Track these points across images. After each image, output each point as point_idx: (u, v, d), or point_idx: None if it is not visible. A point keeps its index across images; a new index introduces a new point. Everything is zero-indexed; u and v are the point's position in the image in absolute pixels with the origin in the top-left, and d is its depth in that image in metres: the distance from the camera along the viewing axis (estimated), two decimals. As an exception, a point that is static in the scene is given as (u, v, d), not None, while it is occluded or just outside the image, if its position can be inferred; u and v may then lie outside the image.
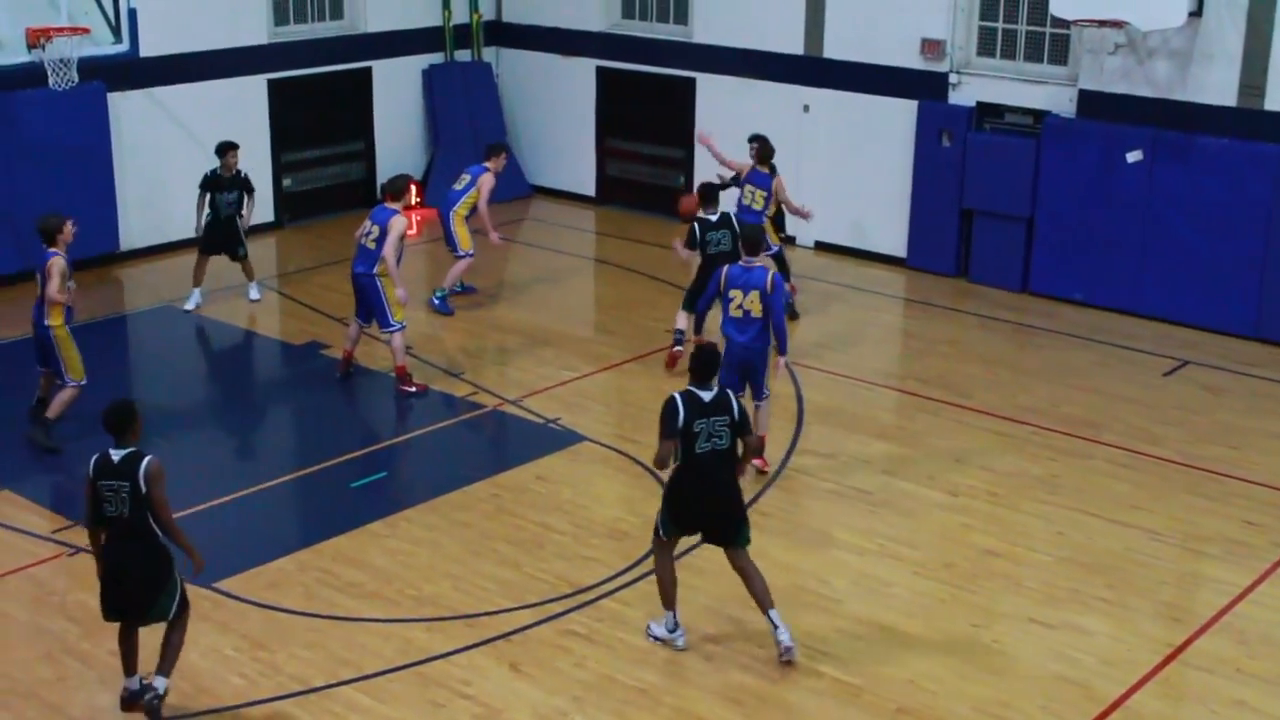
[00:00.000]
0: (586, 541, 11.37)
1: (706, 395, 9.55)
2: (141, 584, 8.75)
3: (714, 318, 13.03)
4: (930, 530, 11.70)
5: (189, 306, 16.39)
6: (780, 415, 13.84)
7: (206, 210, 16.16)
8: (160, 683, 8.96)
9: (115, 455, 8.64)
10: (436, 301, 16.53)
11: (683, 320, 14.81)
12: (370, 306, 14.10)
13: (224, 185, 16.14)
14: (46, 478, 12.66)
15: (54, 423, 12.92)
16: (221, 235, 16.30)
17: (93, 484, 8.65)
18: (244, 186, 16.30)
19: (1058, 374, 15.05)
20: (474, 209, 16.41)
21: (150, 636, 9.10)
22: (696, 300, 14.18)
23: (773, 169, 15.94)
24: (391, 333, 14.12)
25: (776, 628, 9.70)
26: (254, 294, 16.83)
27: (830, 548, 11.35)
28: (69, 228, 12.57)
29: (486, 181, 16.30)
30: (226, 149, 16.11)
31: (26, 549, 11.19)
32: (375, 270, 13.93)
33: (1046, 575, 10.95)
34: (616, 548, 11.27)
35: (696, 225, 14.33)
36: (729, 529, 9.72)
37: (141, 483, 8.55)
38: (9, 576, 10.78)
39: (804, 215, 16.22)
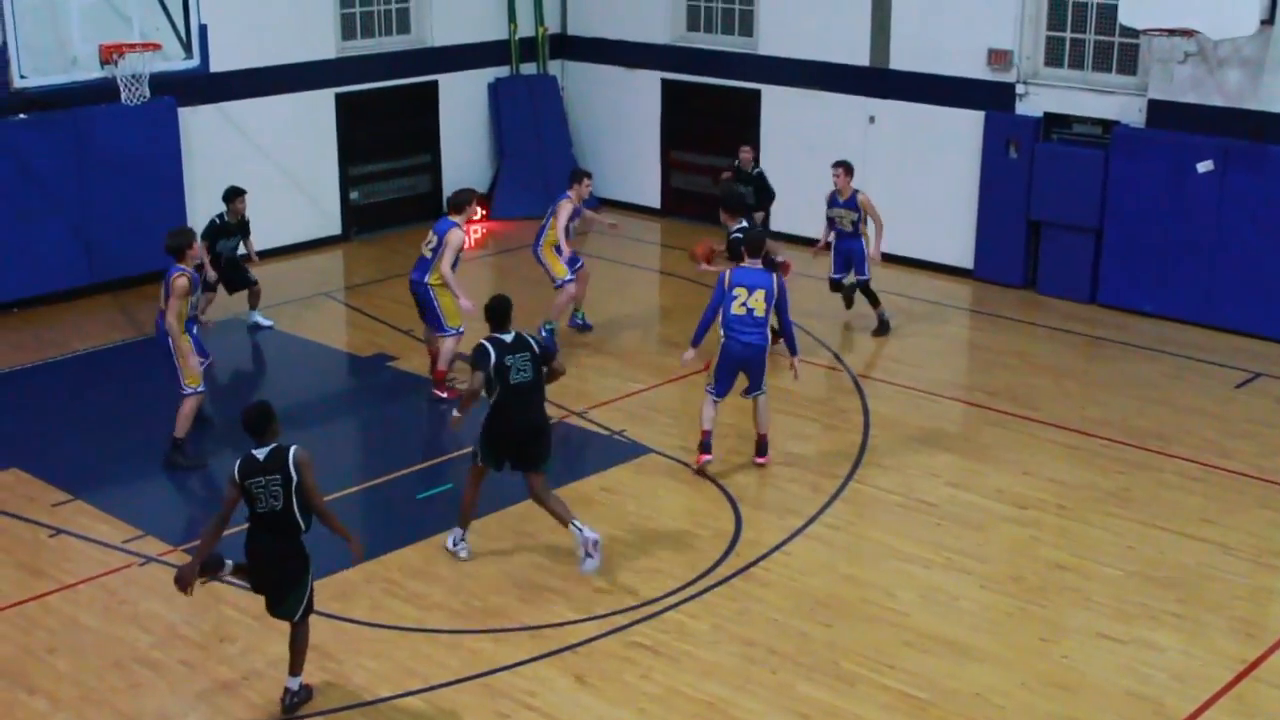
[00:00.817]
0: (651, 553, 11.36)
1: (507, 337, 10.79)
2: (277, 581, 9.12)
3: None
4: (998, 543, 11.60)
5: (264, 321, 16.42)
6: (846, 428, 13.80)
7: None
8: (295, 683, 9.33)
9: (259, 453, 8.93)
10: (545, 334, 15.82)
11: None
12: (425, 312, 14.21)
13: (230, 232, 15.77)
14: (118, 488, 12.78)
15: (183, 441, 12.96)
16: (228, 277, 16.04)
17: (239, 486, 8.90)
18: (244, 231, 16.01)
19: (1127, 386, 14.90)
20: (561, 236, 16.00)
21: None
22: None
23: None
24: (445, 336, 14.25)
25: (580, 530, 10.80)
26: (261, 320, 16.49)
27: (897, 560, 11.28)
28: (198, 245, 13.06)
29: (563, 207, 15.86)
30: (235, 195, 15.70)
31: (99, 558, 11.31)
32: (428, 279, 14.03)
33: (1117, 590, 10.83)
34: (681, 560, 11.25)
35: (738, 236, 14.46)
36: (536, 451, 10.84)
37: (293, 471, 8.86)
38: (82, 585, 10.89)
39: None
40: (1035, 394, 14.66)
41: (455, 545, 11.29)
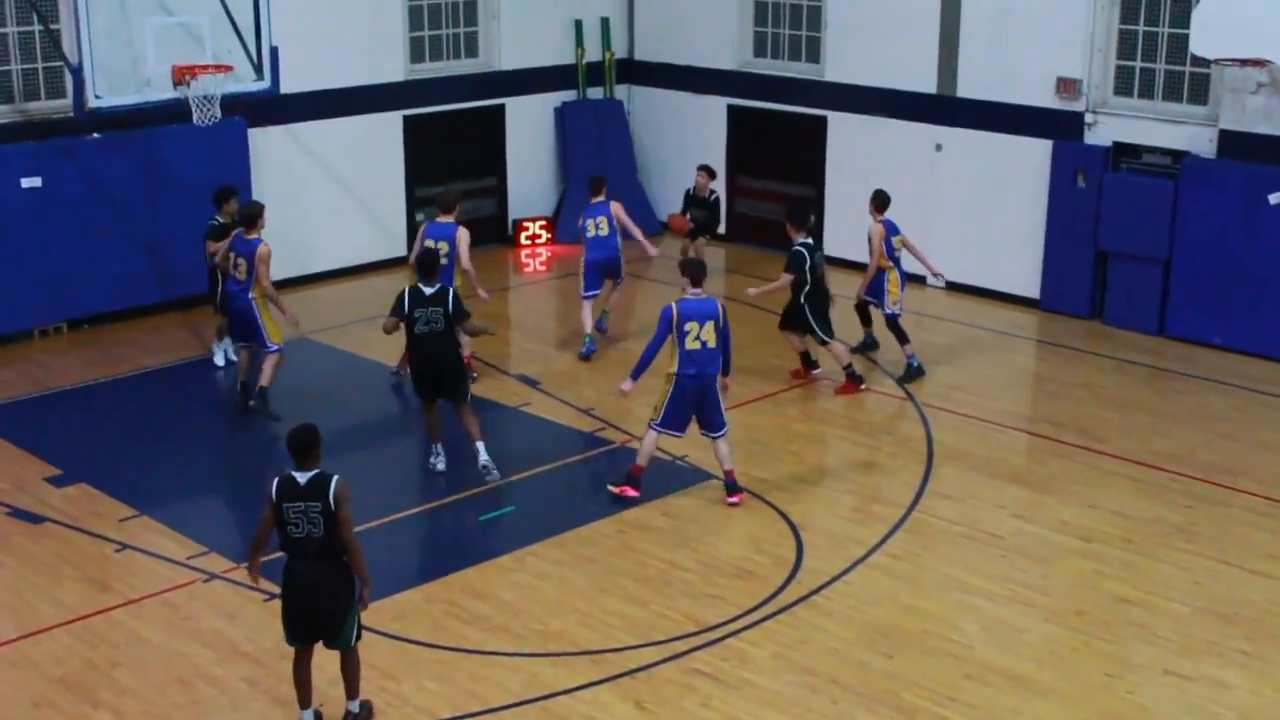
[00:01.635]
0: (712, 580, 11.32)
1: (429, 290, 12.63)
2: (334, 608, 8.91)
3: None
4: (1063, 576, 11.48)
5: (218, 360, 15.89)
6: (910, 457, 13.71)
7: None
8: (355, 704, 9.32)
9: (300, 477, 8.77)
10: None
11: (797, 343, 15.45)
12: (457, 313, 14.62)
13: (228, 232, 14.88)
14: (184, 504, 12.89)
15: (268, 389, 14.30)
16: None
17: (275, 506, 8.77)
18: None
19: (1195, 419, 14.73)
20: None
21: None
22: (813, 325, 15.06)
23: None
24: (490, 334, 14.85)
25: (479, 453, 12.96)
26: (219, 358, 15.91)
27: (960, 592, 11.18)
28: (265, 214, 14.42)
29: (618, 211, 16.59)
30: (228, 196, 15.26)
31: (163, 574, 11.40)
32: (454, 284, 14.32)
33: (1183, 625, 10.69)
34: (743, 587, 11.20)
35: (804, 251, 14.80)
36: (450, 387, 12.85)
37: (332, 502, 8.69)
38: (145, 601, 10.98)
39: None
40: (1102, 426, 14.52)
41: (434, 459, 13.29)
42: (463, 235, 14.78)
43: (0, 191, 16.27)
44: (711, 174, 18.31)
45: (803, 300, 14.99)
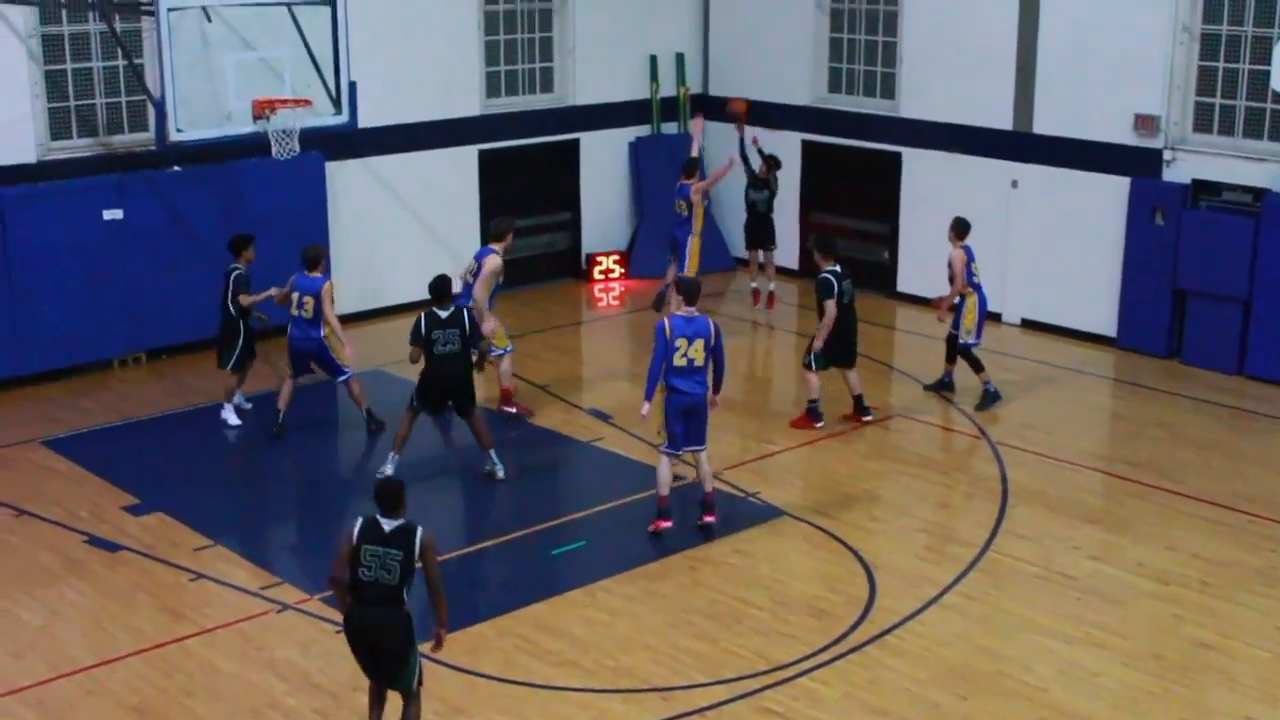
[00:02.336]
0: (784, 618, 11.26)
1: (444, 314, 13.22)
2: (394, 652, 8.93)
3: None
4: (1140, 619, 11.32)
5: (233, 420, 15.30)
6: (984, 496, 13.60)
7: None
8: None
9: (386, 525, 8.84)
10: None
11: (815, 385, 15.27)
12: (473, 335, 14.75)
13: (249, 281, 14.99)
14: (258, 535, 13.02)
15: (368, 407, 14.96)
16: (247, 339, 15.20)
17: (354, 547, 8.81)
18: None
19: (1276, 460, 14.50)
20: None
21: (353, 696, 9.22)
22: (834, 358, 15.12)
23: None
24: (497, 357, 15.09)
25: (489, 458, 13.74)
26: (232, 417, 15.29)
27: (1035, 634, 11.05)
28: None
29: (695, 193, 18.00)
30: (247, 243, 15.05)
31: (237, 604, 11.48)
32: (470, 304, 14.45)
33: (1264, 672, 10.50)
34: (815, 625, 11.13)
35: (832, 278, 14.89)
36: (460, 401, 13.47)
37: (417, 554, 8.77)
38: (219, 630, 11.06)
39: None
40: (1180, 466, 14.33)
41: (385, 466, 13.53)
42: (489, 261, 14.91)
43: (83, 223, 16.52)
44: (776, 164, 19.33)
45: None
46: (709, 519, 12.73)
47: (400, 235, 19.37)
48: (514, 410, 15.41)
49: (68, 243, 16.43)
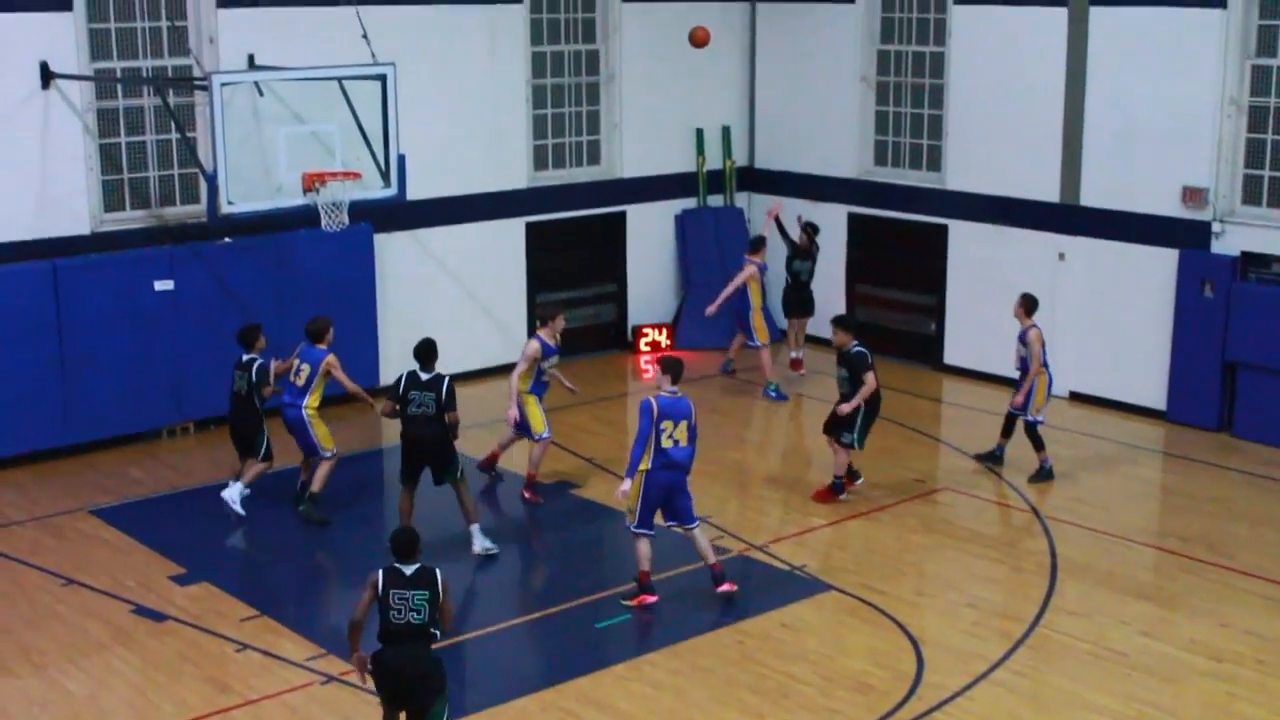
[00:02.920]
0: (831, 693, 11.15)
1: (425, 376, 13.33)
2: (424, 689, 9.36)
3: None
4: (1192, 697, 11.15)
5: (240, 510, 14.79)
6: (1034, 571, 13.47)
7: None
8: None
9: (407, 569, 9.39)
10: (772, 394, 18.96)
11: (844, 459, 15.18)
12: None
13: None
14: (304, 606, 13.02)
15: (319, 495, 14.49)
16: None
17: (382, 594, 9.33)
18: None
19: (1331, 537, 14.33)
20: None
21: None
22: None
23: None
24: (537, 441, 15.10)
25: (474, 535, 13.55)
26: (238, 506, 14.77)
27: (1085, 711, 10.89)
28: (333, 330, 14.69)
29: (749, 272, 18.87)
30: (259, 331, 14.83)
31: (281, 675, 11.47)
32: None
33: (1321, 752, 10.33)
34: (862, 701, 11.02)
35: (868, 351, 14.88)
36: (435, 466, 13.25)
37: (440, 590, 9.37)
38: (264, 701, 11.05)
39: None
40: (1232, 541, 14.16)
41: None
42: (528, 346, 15.10)
43: (135, 293, 16.70)
44: (815, 230, 19.84)
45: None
46: (726, 588, 12.68)
47: (447, 306, 19.48)
48: (529, 496, 15.28)
49: (119, 313, 16.61)
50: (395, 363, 18.06)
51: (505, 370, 19.83)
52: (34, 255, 16.24)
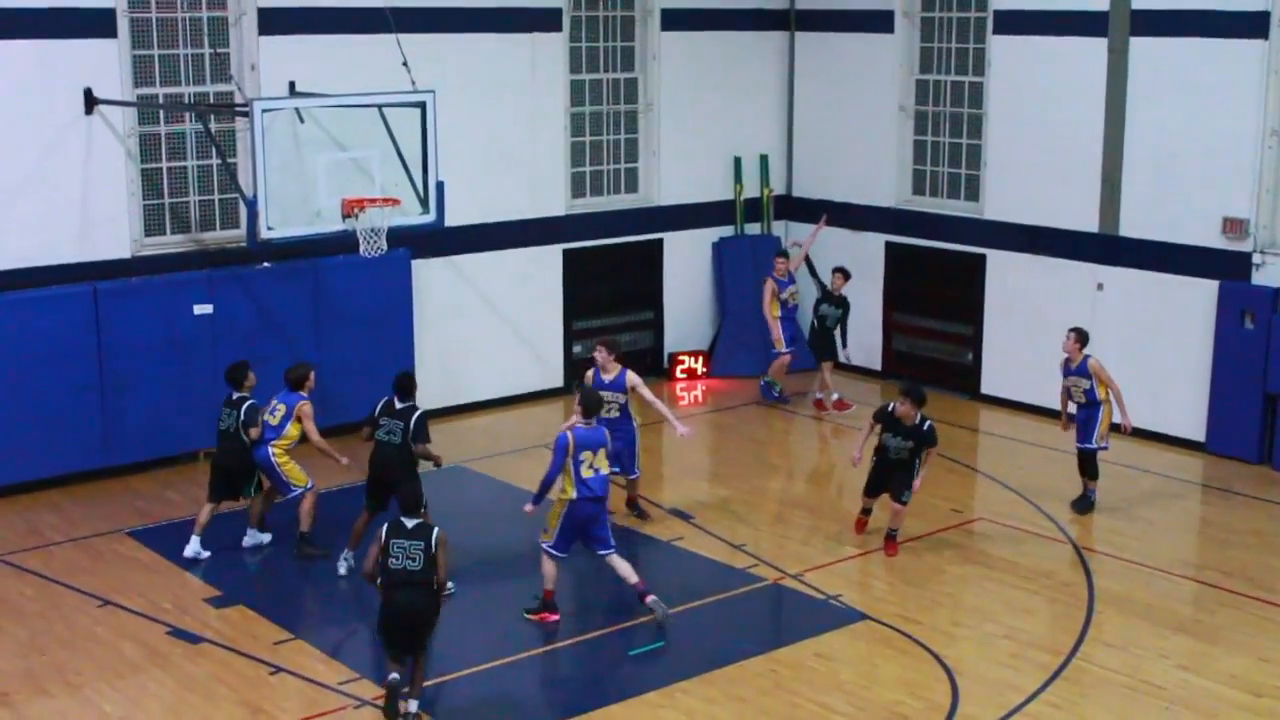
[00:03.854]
0: (865, 724, 11.10)
1: (399, 404, 13.56)
2: (427, 624, 10.95)
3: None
4: (1232, 732, 11.05)
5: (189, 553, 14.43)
6: (1071, 602, 13.37)
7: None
8: (414, 705, 10.95)
9: (408, 523, 11.00)
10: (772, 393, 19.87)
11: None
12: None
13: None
14: (337, 629, 13.03)
15: (308, 534, 14.35)
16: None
17: (385, 544, 10.92)
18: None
19: (1372, 571, 14.17)
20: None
21: None
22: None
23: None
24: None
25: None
26: (250, 539, 14.71)
27: (1123, 745, 10.82)
28: (313, 376, 14.48)
29: (768, 289, 19.86)
30: (247, 368, 14.63)
31: (314, 698, 11.48)
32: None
33: (1362, 789, 10.20)
34: (896, 732, 10.96)
35: (936, 432, 14.59)
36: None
37: (434, 546, 10.88)
38: (297, 726, 11.08)
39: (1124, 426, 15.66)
40: (1273, 575, 14.03)
41: (340, 562, 13.82)
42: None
43: (174, 317, 16.80)
44: (847, 276, 19.66)
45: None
46: (651, 599, 12.88)
47: (484, 332, 19.52)
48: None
49: (159, 336, 16.71)
50: (432, 388, 18.13)
51: (543, 396, 19.96)
52: (75, 279, 16.38)
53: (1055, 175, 19.02)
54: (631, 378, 14.93)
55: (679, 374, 21.30)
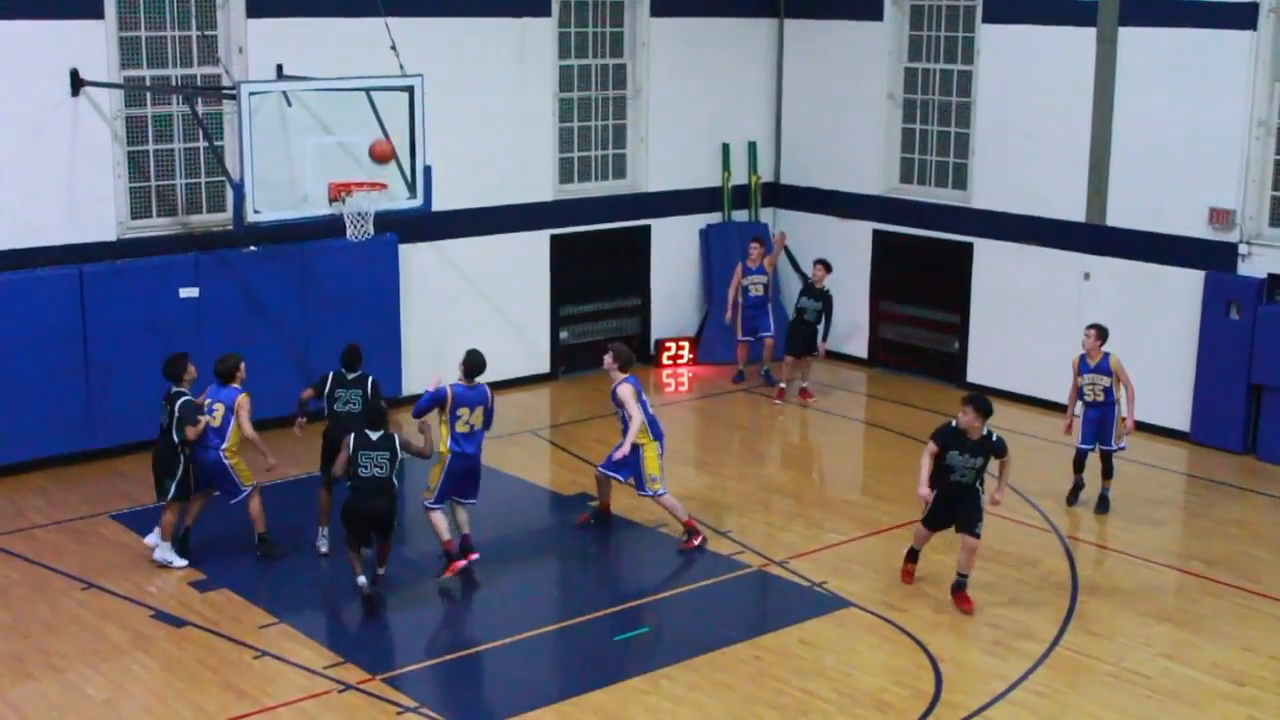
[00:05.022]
0: (850, 710, 11.11)
1: (350, 375, 13.97)
2: (389, 519, 12.79)
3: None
4: (1214, 721, 11.09)
5: (178, 562, 13.79)
6: (1055, 591, 13.41)
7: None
8: (383, 570, 13.09)
9: (373, 435, 12.66)
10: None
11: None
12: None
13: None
14: (322, 613, 13.02)
15: (266, 534, 14.06)
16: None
17: (353, 455, 12.53)
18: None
19: (1355, 562, 14.22)
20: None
21: None
22: None
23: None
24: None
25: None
26: (158, 553, 13.83)
27: (1105, 733, 10.85)
28: (244, 367, 14.04)
29: (736, 272, 20.00)
30: (186, 361, 13.98)
31: (299, 682, 11.48)
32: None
33: (1343, 778, 10.25)
34: (880, 719, 10.97)
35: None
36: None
37: (399, 452, 12.64)
38: (280, 709, 11.05)
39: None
40: (1256, 565, 14.08)
41: (320, 540, 14.06)
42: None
43: (159, 301, 16.75)
44: (828, 268, 19.49)
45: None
46: (474, 557, 13.60)
47: (471, 317, 19.49)
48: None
49: (144, 319, 16.65)
50: (419, 373, 18.12)
51: (530, 381, 19.97)
52: (60, 261, 16.32)
53: (1043, 164, 19.03)
54: (621, 391, 14.27)
55: (665, 360, 21.29)
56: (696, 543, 14.21)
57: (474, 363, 13.52)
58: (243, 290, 17.33)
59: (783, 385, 19.64)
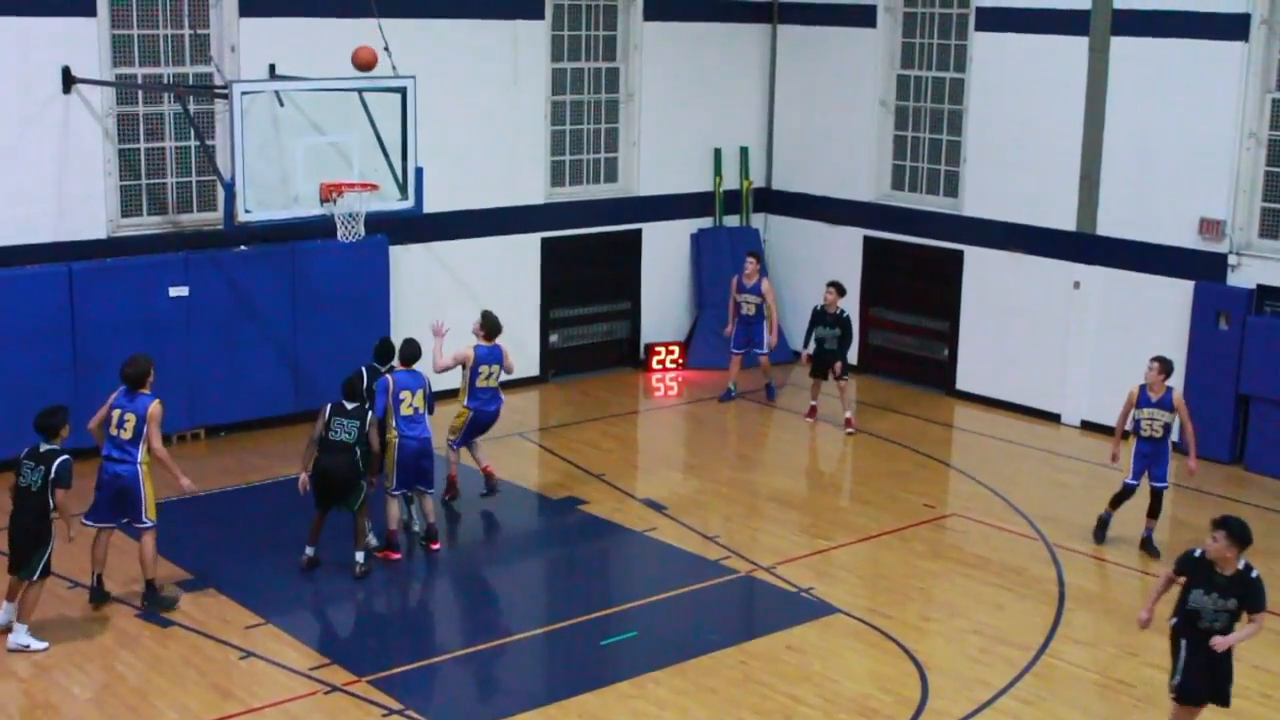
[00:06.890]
0: (835, 716, 11.11)
1: (350, 405, 13.48)
2: (346, 489, 13.19)
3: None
4: (1199, 731, 11.08)
5: (36, 645, 12.02)
6: (1041, 599, 13.42)
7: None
8: (359, 555, 13.39)
9: (349, 405, 13.29)
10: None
11: None
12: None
13: None
14: (309, 614, 13.00)
15: (156, 580, 12.79)
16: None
17: (327, 421, 13.20)
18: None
19: (1341, 573, 14.22)
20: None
21: None
22: None
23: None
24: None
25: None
26: (13, 638, 11.96)
27: (1090, 742, 10.86)
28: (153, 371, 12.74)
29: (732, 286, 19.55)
30: (67, 415, 12.39)
31: (284, 683, 11.45)
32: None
33: (1327, 789, 10.26)
34: (865, 726, 10.99)
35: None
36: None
37: (368, 425, 13.26)
38: (266, 710, 11.03)
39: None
40: (1242, 575, 14.07)
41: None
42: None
43: (149, 299, 16.72)
44: (841, 291, 18.53)
45: None
46: (435, 547, 14.14)
47: (462, 319, 19.39)
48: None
49: (133, 318, 16.60)
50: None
51: (520, 384, 19.94)
52: (50, 258, 16.29)
53: (1034, 173, 19.06)
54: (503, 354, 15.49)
55: (655, 365, 21.29)
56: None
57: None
58: (232, 290, 17.31)
59: (815, 404, 19.09)
